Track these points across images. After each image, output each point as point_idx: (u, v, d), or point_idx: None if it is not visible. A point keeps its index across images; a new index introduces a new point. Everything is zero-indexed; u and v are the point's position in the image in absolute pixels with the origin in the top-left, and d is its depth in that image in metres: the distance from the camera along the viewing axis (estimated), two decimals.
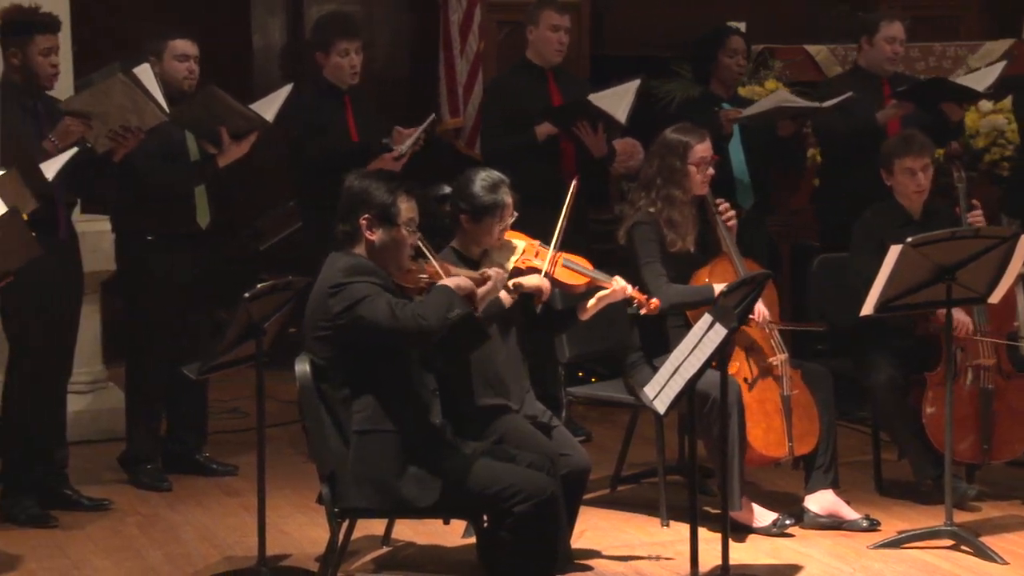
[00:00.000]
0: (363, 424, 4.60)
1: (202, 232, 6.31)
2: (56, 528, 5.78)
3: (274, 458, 5.92)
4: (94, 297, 6.82)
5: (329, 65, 6.66)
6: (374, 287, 4.53)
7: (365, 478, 4.59)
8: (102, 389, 7.09)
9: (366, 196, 4.65)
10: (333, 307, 4.56)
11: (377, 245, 4.64)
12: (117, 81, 5.64)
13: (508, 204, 5.14)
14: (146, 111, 5.73)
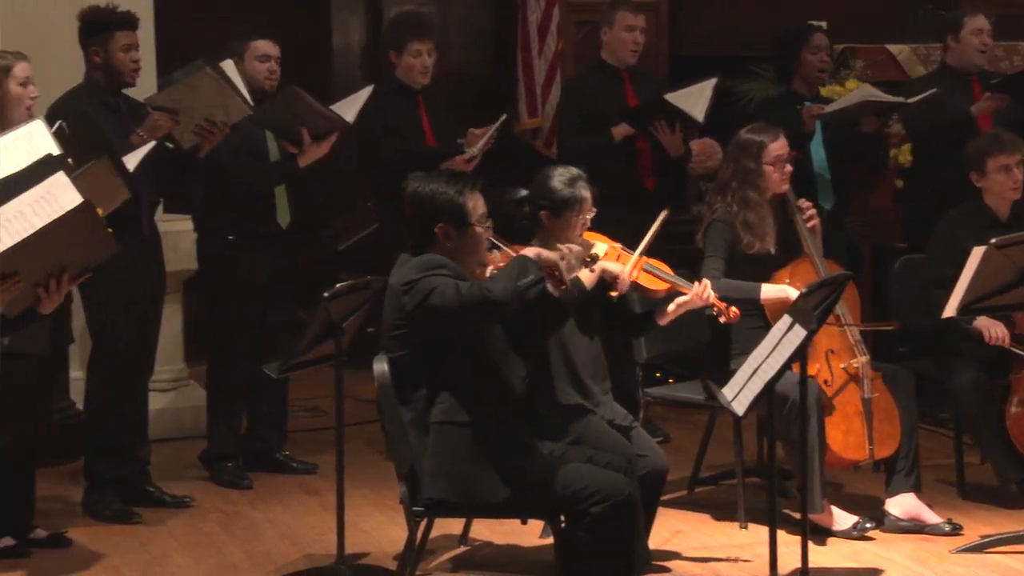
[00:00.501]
0: (441, 416, 4.60)
1: (282, 232, 6.35)
2: (139, 524, 5.84)
3: (353, 457, 5.94)
4: (176, 296, 6.89)
5: (401, 65, 6.67)
6: (443, 278, 4.52)
7: (442, 470, 4.59)
8: (184, 387, 7.16)
9: (436, 203, 4.61)
10: (407, 304, 4.56)
11: (455, 249, 4.64)
12: (205, 75, 5.70)
13: (587, 198, 5.13)
14: (232, 105, 5.78)
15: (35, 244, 3.55)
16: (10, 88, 5.36)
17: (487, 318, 4.57)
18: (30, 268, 3.55)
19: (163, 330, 6.26)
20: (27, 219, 3.73)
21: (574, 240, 5.12)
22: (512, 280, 4.46)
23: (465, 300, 4.45)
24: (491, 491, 4.57)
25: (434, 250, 4.63)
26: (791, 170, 5.83)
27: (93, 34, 5.87)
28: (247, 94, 5.86)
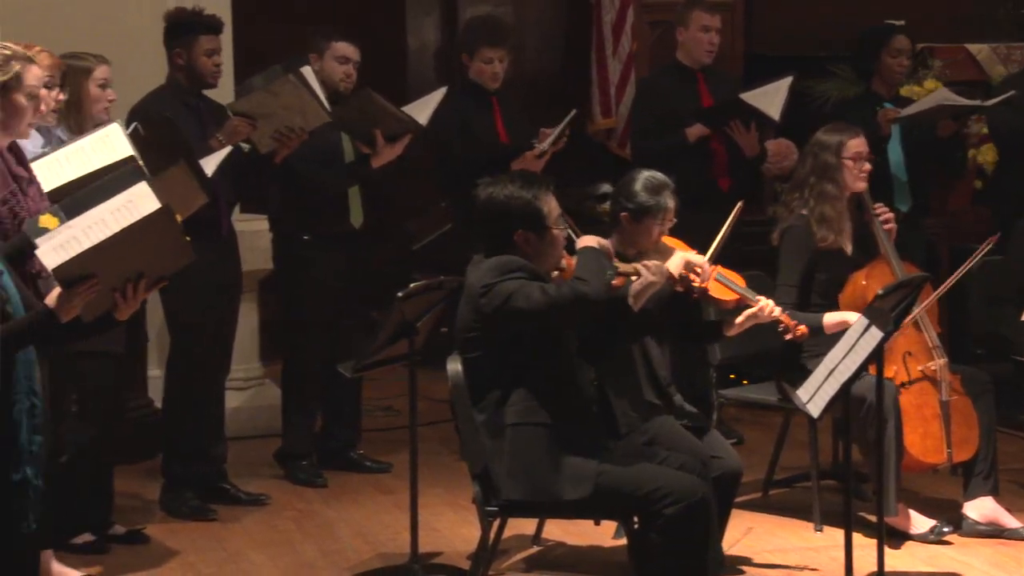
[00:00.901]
0: (516, 417, 4.59)
1: (355, 232, 6.38)
2: (215, 521, 5.89)
3: (426, 456, 5.96)
4: (252, 296, 6.93)
5: (472, 68, 6.69)
6: (522, 280, 4.51)
7: (520, 470, 4.59)
8: (259, 386, 7.21)
9: (512, 209, 4.59)
10: (485, 307, 4.55)
11: (534, 253, 4.62)
12: (287, 82, 5.74)
13: (669, 208, 5.11)
14: (310, 112, 5.82)
15: (114, 247, 3.59)
16: (90, 90, 5.43)
17: (581, 318, 4.56)
18: (108, 272, 3.59)
19: (239, 329, 6.29)
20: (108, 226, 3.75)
21: (649, 247, 5.11)
22: (600, 275, 4.44)
23: (557, 301, 4.42)
24: (571, 490, 4.56)
25: (512, 254, 4.62)
26: (869, 169, 5.78)
27: (177, 36, 5.93)
28: (325, 100, 5.88)
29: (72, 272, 3.55)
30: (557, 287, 4.47)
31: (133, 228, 3.65)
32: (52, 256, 3.68)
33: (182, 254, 3.76)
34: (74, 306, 3.56)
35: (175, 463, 6.01)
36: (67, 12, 7.05)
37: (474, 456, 4.71)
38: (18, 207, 4.46)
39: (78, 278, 3.54)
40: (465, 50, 6.74)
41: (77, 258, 3.56)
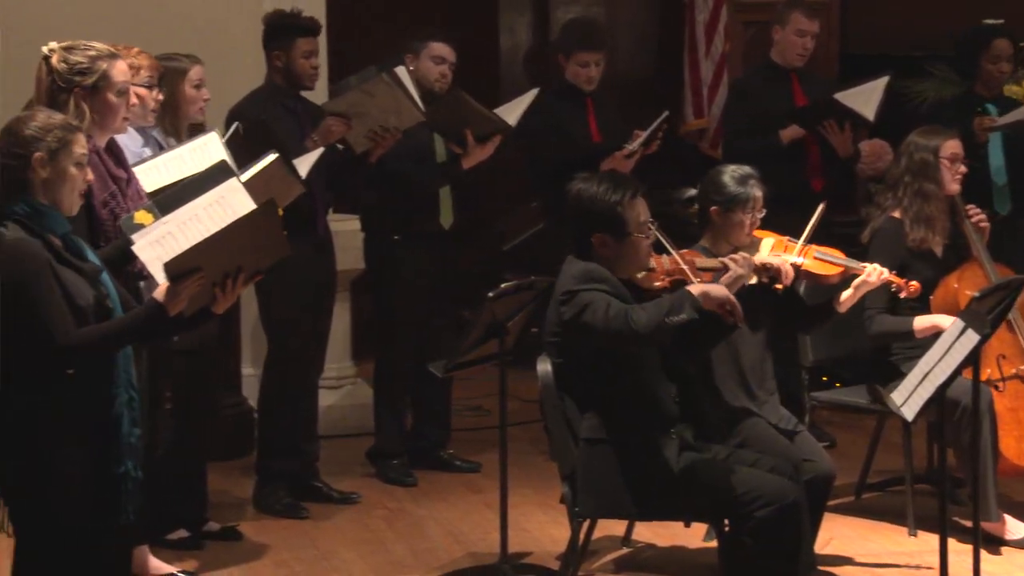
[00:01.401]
0: (591, 433, 4.58)
1: (446, 232, 6.39)
2: (307, 519, 5.93)
3: (516, 456, 5.96)
4: (344, 295, 6.96)
5: (569, 70, 6.68)
6: (600, 294, 4.48)
7: (591, 487, 4.58)
8: (351, 385, 7.25)
9: (591, 211, 4.58)
10: (564, 314, 4.54)
11: (613, 257, 4.60)
12: (381, 81, 5.77)
13: (758, 197, 5.07)
14: (404, 111, 5.85)
15: (222, 241, 3.63)
16: (185, 91, 5.48)
17: (627, 348, 4.52)
18: (212, 266, 3.62)
19: (332, 328, 6.33)
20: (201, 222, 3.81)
21: (742, 240, 5.07)
22: (660, 315, 4.37)
23: (608, 326, 4.41)
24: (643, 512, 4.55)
25: (592, 256, 4.61)
26: (964, 171, 5.71)
27: (276, 39, 5.97)
28: (419, 100, 5.91)
29: (182, 266, 3.59)
30: (616, 312, 4.41)
31: (241, 222, 3.69)
32: (148, 251, 3.75)
33: (279, 248, 3.78)
34: (182, 300, 3.60)
35: (269, 461, 6.06)
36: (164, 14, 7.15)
37: (564, 457, 4.70)
38: (118, 208, 4.50)
39: (186, 272, 3.58)
40: (561, 52, 6.74)
41: (188, 252, 3.61)
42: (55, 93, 4.27)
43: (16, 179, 3.61)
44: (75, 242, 3.72)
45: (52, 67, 4.27)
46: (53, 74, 4.27)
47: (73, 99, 4.28)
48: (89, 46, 4.34)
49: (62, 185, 3.65)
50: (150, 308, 3.62)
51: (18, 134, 3.62)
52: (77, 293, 3.61)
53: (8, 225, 3.59)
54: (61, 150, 3.63)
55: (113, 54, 4.37)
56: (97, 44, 4.36)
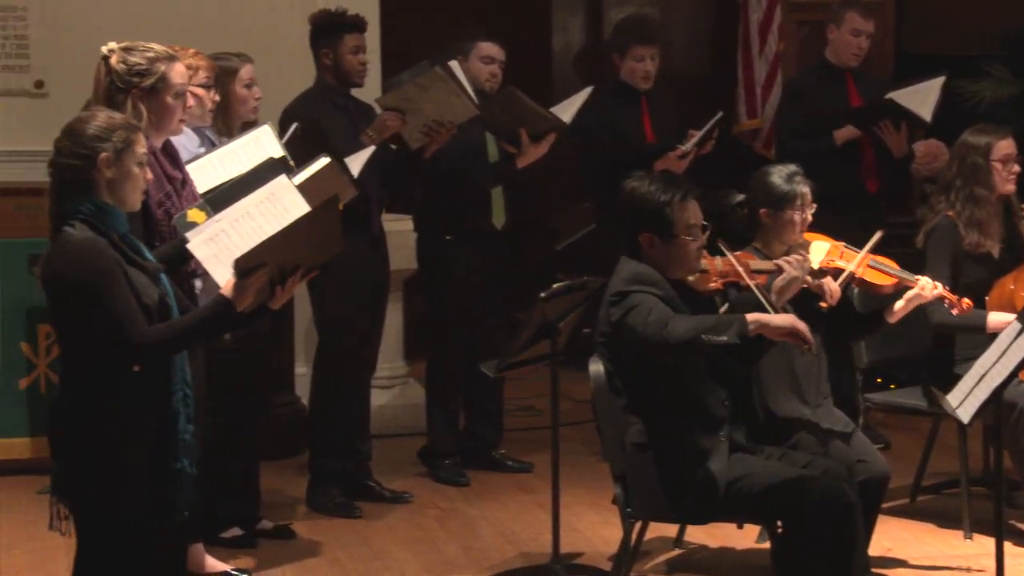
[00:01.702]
0: (638, 437, 4.56)
1: (498, 232, 6.39)
2: (360, 518, 5.94)
3: (568, 457, 5.95)
4: (397, 295, 6.97)
5: (624, 68, 6.67)
6: (648, 296, 4.46)
7: (642, 491, 4.57)
8: (403, 385, 7.27)
9: (640, 211, 4.57)
10: (612, 316, 4.53)
11: (660, 257, 4.59)
12: (435, 75, 5.77)
13: (805, 193, 5.04)
14: (459, 106, 5.85)
15: (288, 237, 3.66)
16: (235, 90, 5.49)
17: (660, 356, 4.49)
18: (275, 262, 3.65)
19: (384, 328, 6.34)
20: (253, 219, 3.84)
21: (794, 238, 5.05)
22: (698, 331, 4.32)
23: (644, 331, 4.39)
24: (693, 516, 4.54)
25: (641, 256, 4.59)
26: (1019, 171, 5.65)
27: (323, 37, 5.99)
28: (473, 94, 5.91)
29: (250, 262, 3.61)
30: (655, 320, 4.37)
31: (307, 218, 3.72)
32: (203, 249, 3.79)
33: (334, 244, 3.81)
34: (248, 295, 3.62)
35: (322, 460, 6.07)
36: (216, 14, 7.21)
37: (616, 457, 4.69)
38: (173, 209, 4.52)
39: (253, 268, 3.60)
40: (616, 50, 6.72)
41: (257, 248, 3.63)
42: (113, 93, 4.29)
43: (81, 179, 3.61)
44: (134, 241, 3.75)
45: (111, 67, 4.29)
46: (112, 74, 4.29)
47: (131, 100, 4.30)
48: (148, 47, 4.35)
49: (125, 184, 3.66)
50: (219, 304, 3.63)
51: (82, 134, 3.62)
52: (144, 291, 3.63)
53: (75, 224, 3.60)
54: (125, 150, 3.64)
55: (172, 56, 4.38)
56: (156, 46, 4.38)
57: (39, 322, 6.45)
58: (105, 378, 3.62)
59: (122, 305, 3.56)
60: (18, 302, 6.45)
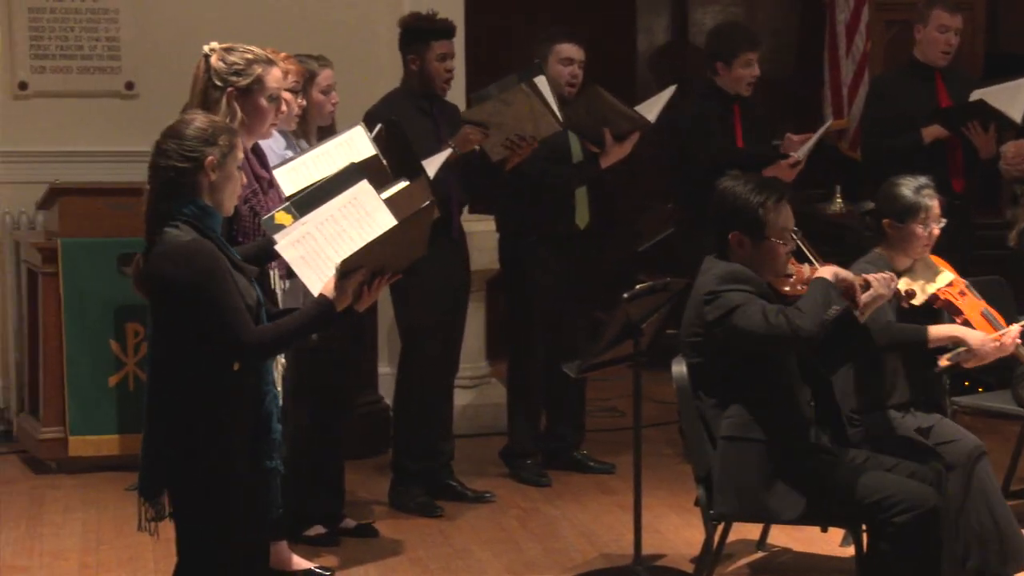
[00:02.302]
0: (731, 431, 4.54)
1: (580, 232, 6.37)
2: (441, 518, 5.96)
3: (650, 458, 5.94)
4: (479, 295, 7.00)
5: (731, 74, 6.55)
6: (747, 295, 4.45)
7: (731, 486, 4.54)
8: (485, 385, 7.28)
9: (733, 209, 4.55)
10: (707, 315, 4.51)
11: (748, 258, 4.56)
12: (519, 91, 5.75)
13: (931, 207, 5.00)
14: (541, 121, 5.83)
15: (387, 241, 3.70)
16: (313, 94, 5.49)
17: (791, 350, 4.49)
18: (369, 264, 3.71)
19: (466, 328, 6.35)
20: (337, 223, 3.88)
21: (918, 252, 5.00)
22: (820, 312, 4.34)
23: (772, 330, 4.36)
24: (782, 510, 4.50)
25: (730, 255, 4.58)
26: None
27: (411, 41, 5.98)
28: (557, 110, 5.89)
29: (353, 264, 3.67)
30: (777, 316, 4.37)
31: (406, 223, 3.77)
32: (291, 250, 3.83)
33: (420, 248, 3.85)
34: (347, 296, 3.66)
35: (404, 459, 6.09)
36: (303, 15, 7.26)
37: (699, 459, 4.67)
38: (258, 206, 4.57)
39: (354, 269, 3.66)
40: (721, 58, 6.56)
41: (361, 251, 3.68)
42: (209, 91, 4.33)
43: (186, 181, 3.63)
44: (225, 244, 3.78)
45: (210, 65, 4.33)
46: (210, 72, 4.33)
47: (225, 99, 4.33)
48: (248, 49, 4.39)
49: (227, 187, 3.69)
50: (321, 304, 3.67)
51: (188, 137, 3.64)
52: (245, 293, 3.67)
53: (180, 226, 3.63)
54: (229, 153, 3.68)
55: (269, 60, 4.41)
56: (256, 48, 4.41)
57: (128, 320, 6.54)
58: (206, 378, 3.65)
59: (232, 305, 3.58)
60: (107, 301, 6.52)
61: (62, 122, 7.13)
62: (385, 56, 6.97)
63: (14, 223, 7.08)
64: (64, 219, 6.54)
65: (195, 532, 3.70)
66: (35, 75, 7.10)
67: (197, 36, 4.51)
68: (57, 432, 6.51)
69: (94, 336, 6.53)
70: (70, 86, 7.13)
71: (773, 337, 4.38)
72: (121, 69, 7.18)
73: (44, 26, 7.08)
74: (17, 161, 7.07)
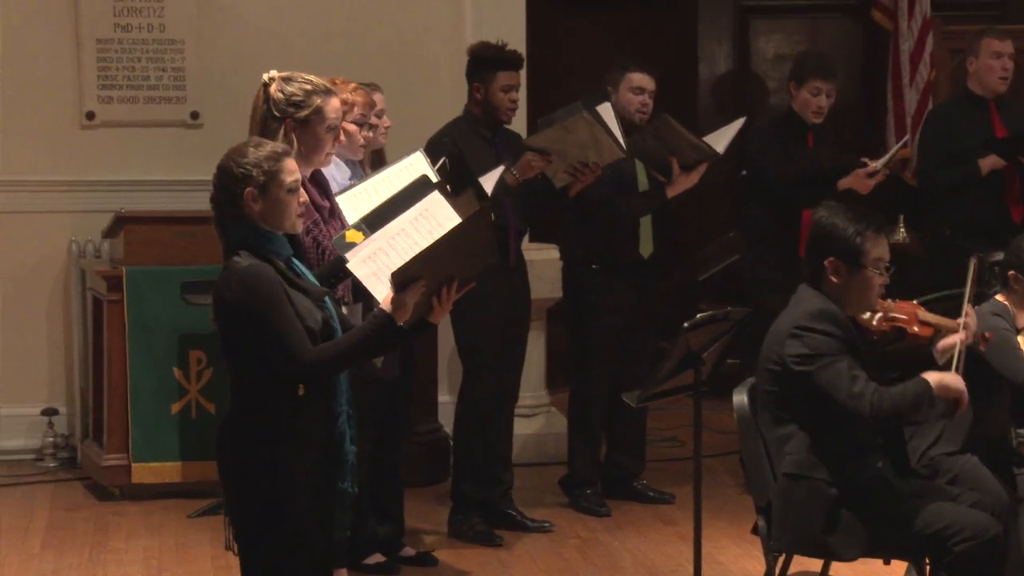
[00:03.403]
0: (793, 468, 4.49)
1: (644, 261, 6.35)
2: (501, 547, 5.93)
3: (710, 488, 5.90)
4: (540, 324, 6.97)
5: (798, 99, 6.55)
6: (836, 344, 4.39)
7: (791, 523, 4.49)
8: (545, 413, 7.25)
9: (831, 236, 4.49)
10: (790, 349, 4.45)
11: (842, 287, 4.51)
12: (581, 119, 5.73)
13: None
14: (605, 148, 5.81)
15: (442, 249, 3.68)
16: None
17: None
18: (431, 275, 3.68)
19: (527, 357, 6.32)
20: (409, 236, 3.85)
21: None
22: (903, 411, 4.35)
23: (849, 403, 4.33)
24: (844, 550, 4.46)
25: (823, 283, 4.52)
26: None
27: (478, 70, 5.98)
28: (621, 137, 5.85)
29: (406, 275, 3.64)
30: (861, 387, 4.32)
31: (459, 229, 3.73)
32: (362, 268, 3.80)
33: (488, 255, 3.81)
34: (407, 308, 3.63)
35: (464, 488, 6.08)
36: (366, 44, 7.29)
37: (759, 489, 4.62)
38: (321, 236, 4.56)
39: (410, 280, 3.63)
40: (793, 80, 6.60)
41: (412, 261, 3.65)
42: (267, 120, 4.33)
43: (236, 212, 3.72)
44: (297, 265, 3.81)
45: (269, 95, 4.33)
46: (269, 102, 4.33)
47: (283, 129, 4.32)
48: (307, 79, 4.38)
49: (277, 213, 3.73)
50: (379, 318, 3.64)
51: (229, 172, 3.72)
52: (307, 315, 3.68)
53: (240, 253, 3.69)
54: (270, 182, 3.71)
55: (328, 90, 4.40)
56: (315, 78, 4.40)
57: (191, 348, 6.58)
58: (273, 401, 3.67)
59: (286, 327, 3.61)
60: (171, 328, 6.56)
61: (128, 151, 7.20)
62: (445, 85, 7.00)
63: (80, 251, 7.15)
64: (129, 247, 6.60)
65: (257, 555, 3.72)
66: (102, 105, 7.18)
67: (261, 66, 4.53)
68: (120, 459, 6.54)
69: (158, 364, 6.56)
70: (136, 116, 7.21)
71: (848, 408, 4.35)
72: (186, 99, 7.24)
73: (111, 56, 7.16)
74: (84, 190, 7.15)
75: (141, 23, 7.16)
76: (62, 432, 7.15)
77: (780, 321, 4.55)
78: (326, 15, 7.31)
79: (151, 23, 7.17)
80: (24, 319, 7.20)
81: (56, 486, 6.83)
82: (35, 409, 7.14)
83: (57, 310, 7.23)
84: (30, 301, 7.20)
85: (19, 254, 7.18)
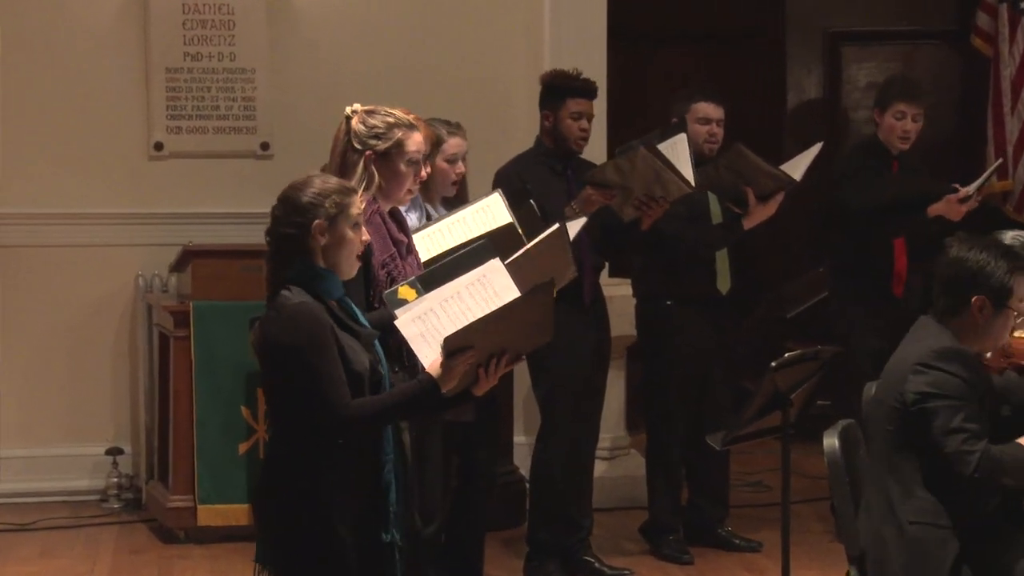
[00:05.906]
0: (916, 516, 4.25)
1: (722, 297, 6.20)
2: None
3: (799, 535, 5.77)
4: (619, 362, 6.85)
5: (883, 124, 6.40)
6: (962, 388, 4.17)
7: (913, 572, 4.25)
8: (624, 456, 7.11)
9: (982, 274, 4.27)
10: (910, 385, 4.23)
11: (983, 326, 4.29)
12: (639, 156, 5.61)
13: None
14: (669, 183, 5.66)
15: (499, 320, 3.63)
16: (436, 162, 5.38)
17: None
18: (482, 345, 3.62)
19: (606, 396, 6.19)
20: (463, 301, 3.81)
21: None
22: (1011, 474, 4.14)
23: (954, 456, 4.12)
24: None
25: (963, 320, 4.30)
26: None
27: (547, 98, 5.90)
28: (689, 171, 5.68)
29: (459, 342, 3.58)
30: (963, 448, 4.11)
31: (520, 301, 3.68)
32: (411, 327, 3.75)
33: (545, 334, 3.75)
34: (455, 376, 3.59)
35: (540, 533, 5.96)
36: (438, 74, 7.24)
37: (851, 538, 4.41)
38: (395, 271, 4.48)
39: (460, 348, 3.57)
40: (878, 105, 6.48)
41: (466, 328, 3.60)
42: (348, 153, 4.32)
43: (297, 246, 3.65)
44: (349, 306, 3.75)
45: (351, 127, 4.32)
46: (350, 134, 4.32)
47: (363, 162, 4.30)
48: (390, 112, 4.36)
49: (341, 249, 3.69)
50: (424, 383, 3.60)
51: (297, 202, 3.66)
52: (355, 359, 3.62)
53: (292, 288, 3.63)
54: (339, 215, 3.67)
55: (411, 124, 4.38)
56: (399, 112, 4.39)
57: (259, 386, 6.46)
58: (313, 445, 3.60)
59: (327, 373, 3.55)
60: (239, 365, 6.47)
61: (196, 183, 7.17)
62: (523, 119, 6.88)
63: (147, 286, 7.12)
64: (197, 281, 6.55)
65: None
66: (171, 135, 7.15)
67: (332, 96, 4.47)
68: (186, 501, 6.47)
69: (225, 402, 6.49)
70: (205, 146, 7.17)
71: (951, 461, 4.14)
72: (256, 129, 7.21)
73: (181, 86, 7.14)
74: (151, 223, 7.12)
75: (212, 52, 7.13)
76: (127, 472, 7.11)
77: (903, 353, 4.35)
78: (403, 49, 7.26)
79: (222, 52, 7.14)
80: (89, 355, 7.17)
81: (120, 528, 6.77)
82: (100, 448, 7.08)
83: (123, 346, 7.20)
84: (96, 337, 7.17)
85: (85, 288, 7.15)
